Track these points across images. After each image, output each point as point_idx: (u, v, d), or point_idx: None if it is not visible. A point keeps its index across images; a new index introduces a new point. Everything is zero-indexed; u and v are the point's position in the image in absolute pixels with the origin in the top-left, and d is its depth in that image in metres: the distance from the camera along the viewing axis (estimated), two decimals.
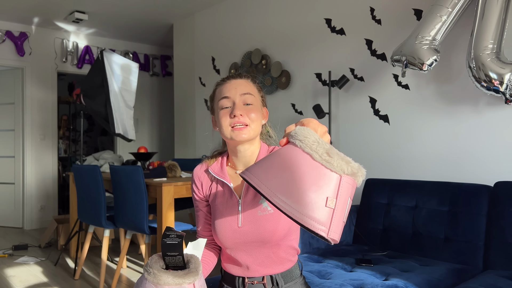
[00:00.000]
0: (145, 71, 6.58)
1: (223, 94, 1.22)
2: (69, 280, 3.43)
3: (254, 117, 1.20)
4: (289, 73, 3.95)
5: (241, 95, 1.21)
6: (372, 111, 3.28)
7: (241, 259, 1.23)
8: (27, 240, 4.89)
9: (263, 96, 1.30)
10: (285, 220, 1.18)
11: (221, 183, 1.27)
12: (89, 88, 4.08)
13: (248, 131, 1.19)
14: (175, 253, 1.03)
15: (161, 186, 2.86)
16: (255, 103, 1.23)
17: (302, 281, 1.29)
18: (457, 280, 2.07)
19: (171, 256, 1.03)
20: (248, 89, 1.23)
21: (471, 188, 2.39)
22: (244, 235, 1.20)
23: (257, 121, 1.22)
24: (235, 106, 1.19)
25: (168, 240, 1.02)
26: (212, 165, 1.30)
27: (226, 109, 1.21)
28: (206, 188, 1.31)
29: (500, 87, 2.27)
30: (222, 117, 1.20)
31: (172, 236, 1.03)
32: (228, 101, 1.21)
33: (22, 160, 5.61)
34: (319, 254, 2.45)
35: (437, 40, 2.55)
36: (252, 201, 1.21)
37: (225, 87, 1.24)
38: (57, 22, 5.45)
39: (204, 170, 1.32)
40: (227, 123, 1.19)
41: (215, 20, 4.91)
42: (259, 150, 1.27)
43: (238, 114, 1.18)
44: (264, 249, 1.21)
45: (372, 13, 3.28)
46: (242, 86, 1.23)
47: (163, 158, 6.73)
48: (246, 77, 1.28)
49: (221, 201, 1.25)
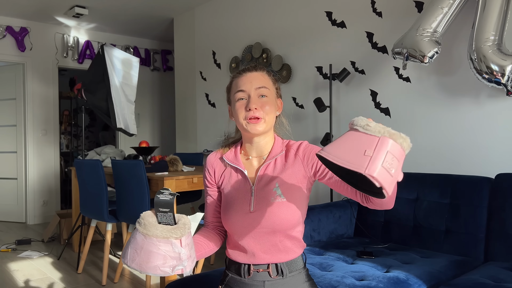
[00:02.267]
0: (146, 65, 6.58)
1: (239, 87, 1.27)
2: (72, 274, 3.45)
3: (268, 109, 1.25)
4: (290, 67, 3.94)
5: (256, 88, 1.25)
6: (373, 104, 3.28)
7: (248, 246, 1.25)
8: (30, 234, 4.91)
9: (278, 88, 1.35)
10: (297, 208, 1.23)
11: (234, 170, 1.31)
12: (90, 83, 4.09)
13: (262, 124, 1.24)
14: (167, 210, 1.08)
15: (163, 180, 2.87)
16: (269, 95, 1.27)
17: (305, 273, 1.30)
18: (458, 272, 2.07)
19: (163, 213, 1.09)
20: (263, 83, 1.27)
21: (472, 180, 2.39)
22: (255, 220, 1.23)
23: (271, 114, 1.27)
24: (250, 100, 1.24)
25: (161, 197, 1.08)
26: (226, 153, 1.34)
27: (241, 101, 1.26)
28: (218, 175, 1.35)
29: (502, 79, 2.27)
30: (238, 109, 1.26)
31: (165, 194, 1.09)
32: (243, 94, 1.26)
33: (24, 155, 5.63)
34: (321, 247, 2.46)
35: (438, 32, 2.54)
36: (265, 188, 1.25)
37: (241, 80, 1.28)
38: (58, 17, 5.44)
39: (218, 158, 1.37)
40: (243, 116, 1.25)
41: (215, 14, 4.90)
42: (274, 141, 1.32)
43: (253, 107, 1.23)
44: (272, 237, 1.23)
45: (373, 5, 3.26)
46: (257, 79, 1.27)
47: (165, 153, 6.75)
48: (262, 69, 1.32)
49: (234, 187, 1.29)
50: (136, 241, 1.08)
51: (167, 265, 1.06)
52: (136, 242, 1.08)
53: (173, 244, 1.07)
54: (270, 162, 1.28)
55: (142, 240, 1.07)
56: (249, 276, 1.26)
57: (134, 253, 1.08)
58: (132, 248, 1.08)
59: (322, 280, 1.87)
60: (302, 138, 3.73)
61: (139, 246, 1.07)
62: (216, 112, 4.93)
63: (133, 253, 1.08)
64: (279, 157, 1.29)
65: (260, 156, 1.31)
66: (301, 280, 1.28)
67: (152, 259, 1.06)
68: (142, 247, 1.07)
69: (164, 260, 1.06)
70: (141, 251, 1.07)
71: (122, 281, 3.26)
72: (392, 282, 1.84)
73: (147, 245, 1.06)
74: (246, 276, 1.26)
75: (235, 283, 1.29)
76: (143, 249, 1.06)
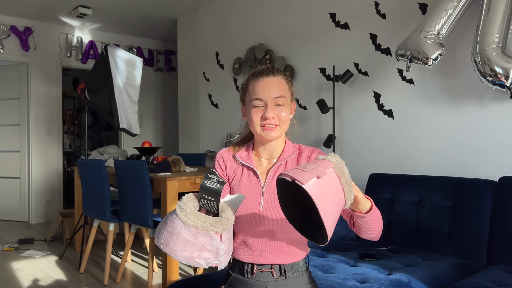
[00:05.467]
0: (149, 66, 6.59)
1: (256, 95, 1.26)
2: (74, 274, 3.45)
3: (284, 117, 1.26)
4: (293, 68, 3.94)
5: (274, 98, 1.25)
6: (376, 106, 3.27)
7: (255, 245, 1.26)
8: (32, 234, 4.93)
9: (293, 91, 1.35)
10: None
11: (246, 168, 1.32)
12: (93, 83, 4.09)
13: (277, 131, 1.26)
14: (212, 199, 1.02)
15: (165, 180, 2.87)
16: (285, 103, 1.27)
17: (308, 274, 1.31)
18: (460, 275, 2.07)
19: (207, 200, 1.02)
20: (280, 91, 1.26)
21: (475, 183, 2.38)
22: (264, 220, 1.24)
23: (287, 121, 1.28)
24: (267, 109, 1.24)
25: (208, 183, 1.01)
26: (238, 152, 1.35)
27: (258, 108, 1.26)
28: (230, 171, 1.35)
29: (506, 81, 2.26)
30: (253, 114, 1.26)
31: (213, 180, 1.01)
32: (260, 102, 1.26)
33: (28, 154, 5.64)
34: (323, 249, 2.45)
35: (442, 34, 2.54)
36: (275, 188, 1.24)
37: (259, 86, 1.27)
38: (62, 17, 5.46)
39: (230, 155, 1.37)
40: (258, 122, 1.25)
41: (219, 15, 4.90)
42: (285, 144, 1.33)
43: (270, 117, 1.24)
44: (280, 238, 1.24)
45: (377, 7, 3.26)
46: (275, 87, 1.26)
47: (167, 153, 6.75)
48: (279, 73, 1.30)
49: (245, 186, 1.30)
50: (174, 226, 1.03)
51: (202, 257, 1.02)
52: (174, 227, 1.03)
53: (213, 237, 1.03)
54: (281, 164, 1.30)
55: (180, 226, 1.01)
56: (252, 276, 1.27)
57: (170, 238, 1.03)
58: (168, 232, 1.03)
59: (324, 282, 1.87)
60: (304, 140, 3.73)
61: (176, 232, 1.02)
62: (219, 112, 4.93)
63: (168, 237, 1.03)
64: (289, 160, 1.30)
65: (270, 158, 1.33)
66: (304, 282, 1.28)
67: (188, 248, 1.01)
68: (179, 234, 1.01)
69: (200, 252, 1.02)
70: (177, 237, 1.02)
71: (124, 281, 3.26)
72: (394, 284, 1.83)
73: (184, 233, 1.01)
74: (249, 276, 1.27)
75: (238, 283, 1.29)
76: (180, 236, 1.01)
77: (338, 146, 3.55)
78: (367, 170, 3.32)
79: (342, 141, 3.52)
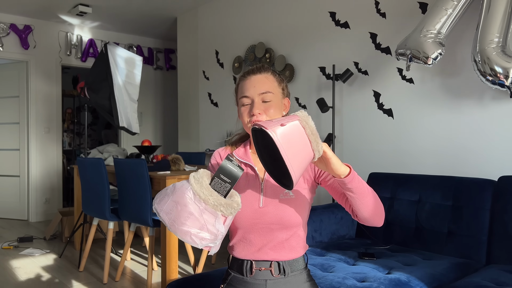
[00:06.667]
0: (149, 64, 6.58)
1: (243, 93, 1.28)
2: (73, 272, 3.46)
3: (272, 112, 1.25)
4: (293, 67, 3.94)
5: (260, 94, 1.25)
6: (376, 105, 3.27)
7: (255, 240, 1.26)
8: (32, 232, 4.93)
9: (284, 87, 1.34)
10: (304, 207, 1.25)
11: (244, 166, 1.32)
12: (93, 81, 4.09)
13: None
14: (228, 180, 0.99)
15: (165, 179, 2.87)
16: (274, 99, 1.27)
17: (307, 273, 1.32)
18: (460, 274, 2.07)
19: (221, 180, 1.00)
20: (267, 87, 1.26)
21: (475, 182, 2.38)
22: (264, 216, 1.24)
23: (276, 116, 1.27)
24: (253, 105, 1.25)
25: (229, 164, 0.99)
26: (236, 150, 1.36)
27: (245, 106, 1.27)
28: None
29: (506, 81, 2.26)
30: (242, 113, 1.28)
31: (234, 163, 1.00)
32: (247, 99, 1.27)
33: (27, 153, 5.64)
34: (322, 248, 2.45)
35: (442, 33, 2.54)
36: (274, 184, 1.26)
37: (246, 84, 1.29)
38: (61, 15, 5.45)
39: (228, 153, 1.37)
40: (246, 121, 1.26)
41: (218, 14, 4.90)
42: None
43: (256, 113, 1.24)
44: (280, 233, 1.25)
45: (377, 6, 3.26)
46: (260, 83, 1.27)
47: (167, 152, 6.75)
48: (266, 70, 1.31)
49: (244, 183, 1.30)
50: (183, 196, 0.99)
51: (200, 236, 0.99)
52: (182, 197, 0.99)
53: (217, 218, 1.00)
54: None
55: (190, 198, 0.97)
56: (251, 275, 1.26)
57: (174, 207, 0.98)
58: (173, 201, 0.99)
59: (323, 281, 1.87)
60: None
61: (183, 202, 0.98)
62: (218, 111, 4.93)
63: (172, 205, 0.98)
64: None
65: None
66: (303, 280, 1.29)
67: (189, 222, 0.97)
68: (186, 205, 0.97)
69: (200, 230, 0.98)
70: (182, 208, 0.97)
71: (124, 280, 3.26)
72: (394, 284, 1.83)
73: (191, 206, 0.98)
74: (248, 275, 1.27)
75: (237, 282, 1.29)
76: (186, 208, 0.97)
77: (337, 145, 3.55)
78: (367, 169, 3.32)
79: (341, 140, 3.52)
